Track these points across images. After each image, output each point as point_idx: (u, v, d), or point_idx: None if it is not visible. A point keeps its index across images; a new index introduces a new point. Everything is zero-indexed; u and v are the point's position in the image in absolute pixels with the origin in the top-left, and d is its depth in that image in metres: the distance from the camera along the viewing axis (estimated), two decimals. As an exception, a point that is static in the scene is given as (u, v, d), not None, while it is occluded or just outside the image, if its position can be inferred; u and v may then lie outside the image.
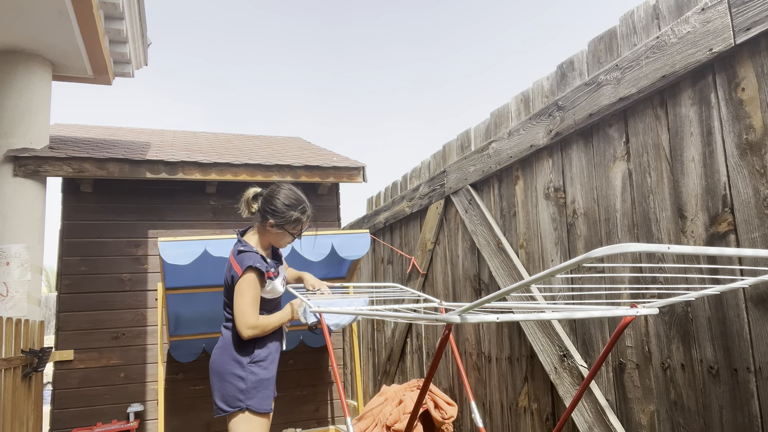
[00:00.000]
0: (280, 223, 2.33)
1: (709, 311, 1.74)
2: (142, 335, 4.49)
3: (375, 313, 1.66)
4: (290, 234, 2.37)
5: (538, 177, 2.57)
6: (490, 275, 2.91)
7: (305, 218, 2.38)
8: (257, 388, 2.25)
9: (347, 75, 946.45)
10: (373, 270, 4.79)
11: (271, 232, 2.36)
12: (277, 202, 2.32)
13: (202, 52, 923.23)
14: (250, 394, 2.23)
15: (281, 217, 2.32)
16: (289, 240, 2.41)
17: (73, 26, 3.89)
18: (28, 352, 3.32)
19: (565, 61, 2.40)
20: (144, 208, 4.64)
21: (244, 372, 2.24)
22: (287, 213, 2.32)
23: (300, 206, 2.36)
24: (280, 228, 2.34)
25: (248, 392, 2.23)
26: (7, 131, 4.06)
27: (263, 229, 2.39)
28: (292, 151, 5.75)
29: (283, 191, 2.36)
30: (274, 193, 2.36)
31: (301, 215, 2.36)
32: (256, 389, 2.25)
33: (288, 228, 2.35)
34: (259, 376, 2.26)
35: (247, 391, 2.23)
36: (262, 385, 2.27)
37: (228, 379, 2.24)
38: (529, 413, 2.59)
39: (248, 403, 2.22)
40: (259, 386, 2.25)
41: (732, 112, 1.69)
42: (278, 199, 2.33)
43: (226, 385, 2.24)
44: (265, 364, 2.30)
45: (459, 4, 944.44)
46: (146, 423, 4.38)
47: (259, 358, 2.29)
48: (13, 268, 3.86)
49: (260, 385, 2.26)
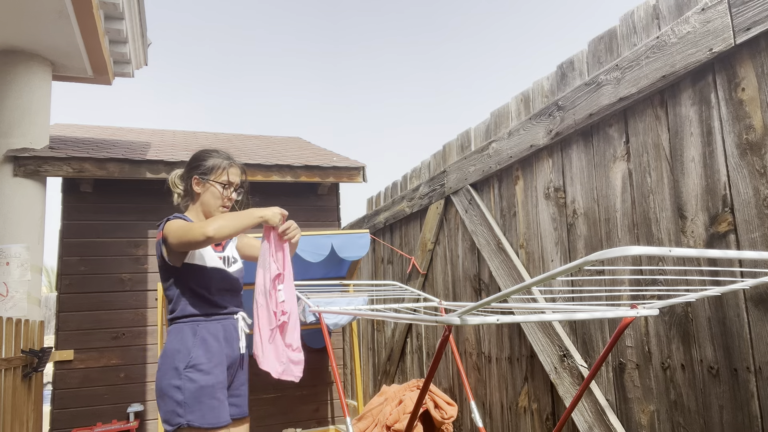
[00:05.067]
0: (202, 174, 2.10)
1: (709, 311, 1.74)
2: (142, 335, 4.49)
3: (375, 314, 1.66)
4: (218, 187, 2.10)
5: (538, 177, 2.56)
6: (490, 275, 2.91)
7: (226, 164, 2.13)
8: (198, 398, 1.89)
9: (347, 75, 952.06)
10: (373, 270, 4.79)
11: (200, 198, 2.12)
12: (196, 157, 2.16)
13: (202, 52, 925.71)
14: (190, 407, 1.87)
15: (201, 167, 2.11)
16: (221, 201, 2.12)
17: (73, 26, 3.89)
18: (28, 352, 3.32)
19: (565, 61, 2.40)
20: (144, 208, 4.64)
21: (180, 380, 1.90)
22: (206, 162, 2.12)
23: (216, 152, 2.16)
24: (205, 180, 2.10)
25: (188, 404, 1.88)
26: (7, 131, 4.06)
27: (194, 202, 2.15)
28: (292, 151, 5.74)
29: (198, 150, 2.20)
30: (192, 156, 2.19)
31: (222, 160, 2.13)
32: (198, 400, 1.89)
33: (211, 178, 2.10)
34: (198, 383, 1.90)
35: (185, 403, 1.88)
36: (204, 393, 1.90)
37: (166, 392, 1.90)
38: (529, 413, 2.59)
39: (189, 418, 1.86)
40: (200, 395, 1.89)
41: (732, 112, 1.68)
42: (194, 156, 2.17)
43: (164, 400, 1.90)
44: (206, 367, 1.94)
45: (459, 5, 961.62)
46: (146, 423, 4.38)
47: (197, 361, 1.93)
48: (13, 268, 3.86)
49: (202, 395, 1.90)
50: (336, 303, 3.48)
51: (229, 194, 2.14)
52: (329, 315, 3.67)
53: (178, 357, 1.94)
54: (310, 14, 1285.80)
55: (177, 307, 2.02)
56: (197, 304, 2.02)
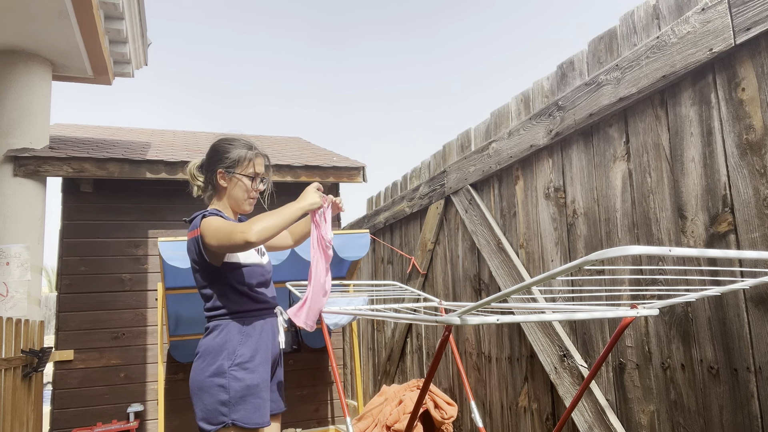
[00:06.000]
0: (229, 167, 2.01)
1: (709, 311, 1.74)
2: (142, 335, 4.49)
3: (375, 314, 1.66)
4: (246, 180, 2.04)
5: (538, 177, 2.56)
6: (490, 275, 2.91)
7: (252, 155, 2.05)
8: (244, 397, 1.86)
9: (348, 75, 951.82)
10: (373, 270, 4.79)
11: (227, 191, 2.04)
12: (218, 149, 2.05)
13: (202, 52, 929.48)
14: (235, 406, 1.84)
15: (225, 161, 2.02)
16: (248, 193, 2.06)
17: (73, 26, 3.89)
18: (28, 352, 3.32)
19: (565, 61, 2.40)
20: (144, 208, 4.64)
21: (225, 379, 1.86)
22: (230, 153, 2.02)
23: (243, 142, 2.07)
24: (231, 174, 2.02)
25: (232, 404, 1.84)
26: (7, 131, 4.06)
27: (219, 196, 2.06)
28: (292, 150, 5.75)
29: (220, 139, 2.09)
30: (212, 145, 2.09)
31: (246, 150, 2.05)
32: (243, 399, 1.86)
33: (238, 171, 2.02)
34: (244, 382, 1.87)
35: (230, 402, 1.84)
36: (250, 392, 1.88)
37: (208, 390, 1.86)
38: (529, 413, 2.59)
39: (233, 417, 1.84)
40: (246, 395, 1.87)
41: (732, 112, 1.69)
42: (217, 147, 2.06)
43: (205, 398, 1.86)
44: (251, 365, 1.91)
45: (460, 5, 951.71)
46: (146, 423, 4.38)
47: (242, 359, 1.90)
48: (13, 268, 3.86)
49: (247, 393, 1.87)
50: (336, 303, 3.48)
51: (257, 186, 2.08)
52: (329, 315, 3.67)
53: (222, 354, 1.89)
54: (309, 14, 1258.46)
55: (219, 303, 1.96)
56: (239, 300, 1.97)
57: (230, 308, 1.96)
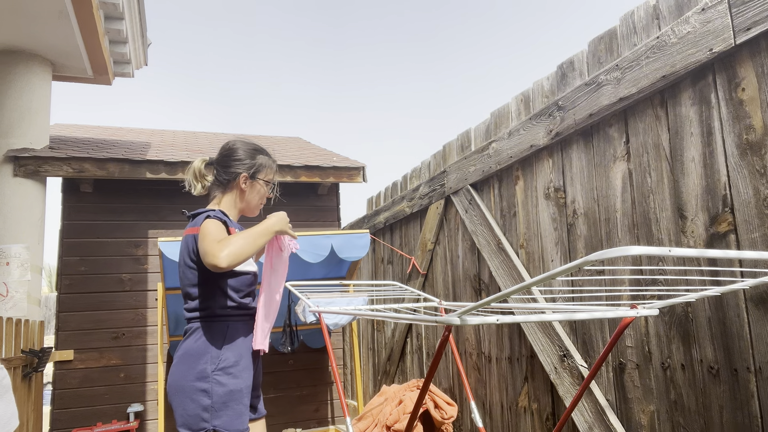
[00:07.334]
0: (253, 172, 2.03)
1: (709, 311, 1.74)
2: (142, 335, 4.49)
3: (375, 314, 1.66)
4: (263, 185, 2.07)
5: (538, 177, 2.56)
6: (490, 275, 2.91)
7: (273, 162, 2.11)
8: (226, 403, 1.82)
9: (348, 75, 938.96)
10: (373, 270, 4.79)
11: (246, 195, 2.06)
12: (241, 152, 2.05)
13: (203, 53, 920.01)
14: (217, 412, 1.80)
15: (251, 166, 2.03)
16: (260, 200, 2.09)
17: (73, 26, 3.89)
18: (28, 352, 3.32)
19: (565, 61, 2.40)
20: (144, 208, 4.64)
21: (209, 384, 1.81)
22: (255, 159, 2.05)
23: (262, 150, 2.11)
24: (254, 178, 2.04)
25: (215, 409, 1.79)
26: (7, 131, 4.06)
27: (229, 196, 2.05)
28: (292, 150, 5.75)
29: (240, 141, 2.10)
30: (231, 145, 2.08)
31: (268, 158, 2.10)
32: (225, 405, 1.81)
33: (261, 177, 2.05)
34: (227, 387, 1.83)
35: (213, 408, 1.79)
36: (233, 398, 1.83)
37: (190, 395, 1.80)
38: (529, 413, 2.59)
39: (215, 423, 1.79)
40: (228, 400, 1.82)
41: (732, 112, 1.69)
42: (240, 149, 2.06)
43: (186, 404, 1.80)
44: (235, 370, 1.87)
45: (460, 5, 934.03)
46: (146, 423, 4.38)
47: (226, 363, 1.85)
48: (13, 268, 3.86)
49: (230, 399, 1.83)
50: (336, 303, 3.48)
51: (269, 192, 2.13)
52: (329, 315, 3.67)
53: (205, 358, 1.84)
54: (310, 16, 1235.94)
55: (204, 305, 1.92)
56: (226, 304, 1.93)
57: (216, 311, 1.91)
